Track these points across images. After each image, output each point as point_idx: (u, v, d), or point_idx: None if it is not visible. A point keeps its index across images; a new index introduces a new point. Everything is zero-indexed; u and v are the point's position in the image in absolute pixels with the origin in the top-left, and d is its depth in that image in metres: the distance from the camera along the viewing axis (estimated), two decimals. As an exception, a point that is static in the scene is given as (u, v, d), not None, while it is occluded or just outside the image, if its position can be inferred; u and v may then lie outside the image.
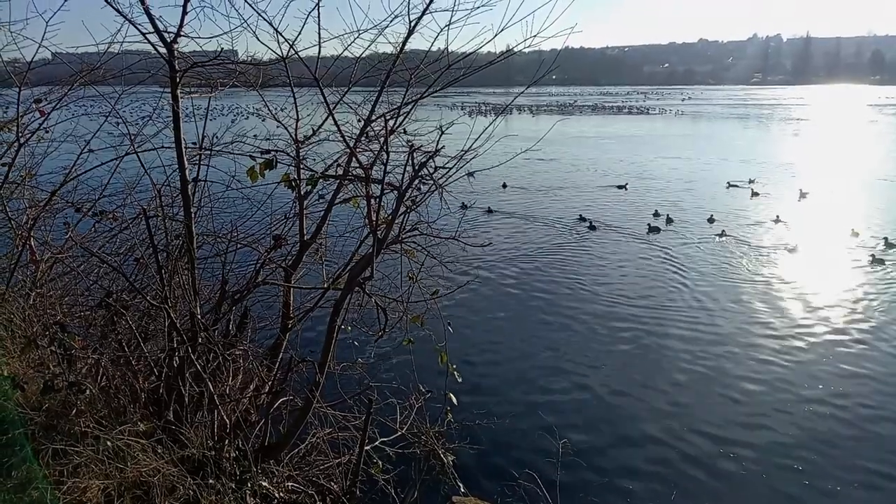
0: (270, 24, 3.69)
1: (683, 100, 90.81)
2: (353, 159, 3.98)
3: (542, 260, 13.47)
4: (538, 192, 21.61)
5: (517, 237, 15.54)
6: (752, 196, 20.25)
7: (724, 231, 15.32)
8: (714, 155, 30.73)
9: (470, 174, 4.13)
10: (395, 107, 4.07)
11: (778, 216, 16.84)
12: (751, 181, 21.77)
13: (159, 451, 3.44)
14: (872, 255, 12.94)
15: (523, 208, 18.91)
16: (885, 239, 14.12)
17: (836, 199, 19.71)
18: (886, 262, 12.75)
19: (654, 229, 15.77)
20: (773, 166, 26.74)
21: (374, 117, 4.12)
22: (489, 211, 17.86)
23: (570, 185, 22.95)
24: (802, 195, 19.97)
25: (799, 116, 59.40)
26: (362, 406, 4.53)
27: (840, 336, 9.07)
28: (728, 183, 21.97)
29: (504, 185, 21.60)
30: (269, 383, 4.55)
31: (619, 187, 21.77)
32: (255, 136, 4.64)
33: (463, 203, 3.78)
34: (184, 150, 3.76)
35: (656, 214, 17.11)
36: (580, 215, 17.34)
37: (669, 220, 16.54)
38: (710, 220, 16.43)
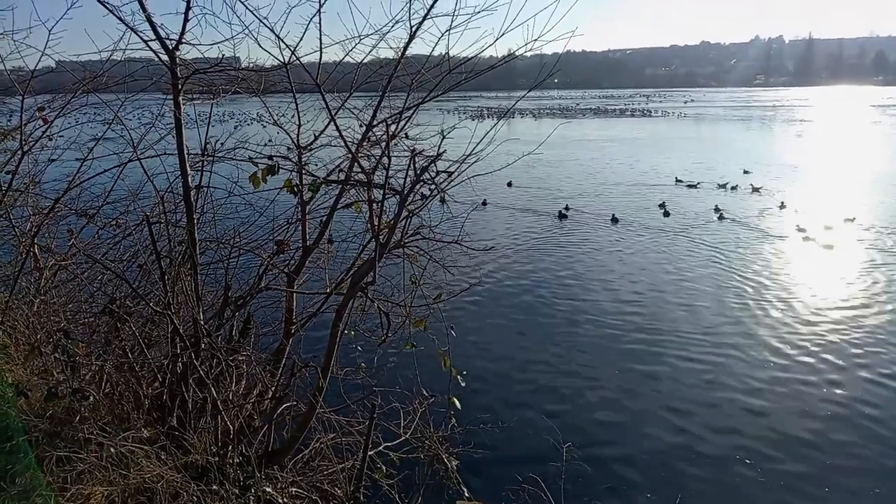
0: (272, 30, 3.71)
1: (686, 102, 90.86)
2: (355, 164, 3.98)
3: (542, 256, 13.55)
4: (539, 189, 22.06)
5: (517, 232, 15.77)
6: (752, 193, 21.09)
7: (722, 215, 17.15)
8: (720, 156, 30.82)
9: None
10: (396, 111, 4.07)
11: (783, 203, 18.53)
12: (695, 182, 22.70)
13: (163, 457, 3.44)
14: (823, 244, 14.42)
15: (521, 203, 19.56)
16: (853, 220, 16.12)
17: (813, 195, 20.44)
18: (834, 248, 14.21)
19: (612, 220, 16.88)
20: (777, 167, 26.68)
21: (375, 122, 4.11)
22: (484, 203, 18.78)
23: (571, 183, 23.22)
24: (755, 189, 21.12)
25: (802, 118, 59.29)
26: (365, 411, 4.52)
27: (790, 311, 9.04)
28: (676, 178, 23.38)
29: (509, 184, 22.33)
30: (273, 389, 4.53)
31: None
32: (266, 141, 4.64)
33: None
34: (186, 156, 3.76)
35: (662, 207, 18.61)
36: (563, 205, 18.35)
37: (667, 214, 17.85)
38: (716, 210, 17.77)
